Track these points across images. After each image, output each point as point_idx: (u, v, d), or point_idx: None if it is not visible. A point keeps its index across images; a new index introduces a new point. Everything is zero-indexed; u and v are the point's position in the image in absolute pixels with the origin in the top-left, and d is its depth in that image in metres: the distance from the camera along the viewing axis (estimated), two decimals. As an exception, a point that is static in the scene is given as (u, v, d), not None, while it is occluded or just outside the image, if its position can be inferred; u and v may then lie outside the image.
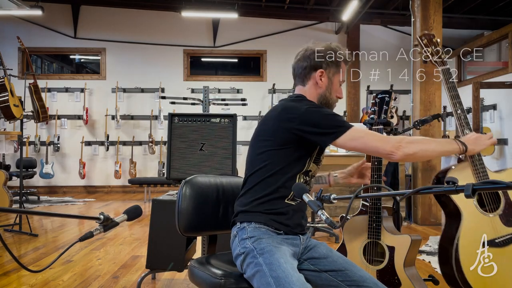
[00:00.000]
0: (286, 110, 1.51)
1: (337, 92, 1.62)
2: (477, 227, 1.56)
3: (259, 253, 1.34)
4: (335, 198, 1.12)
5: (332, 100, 1.61)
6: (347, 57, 1.62)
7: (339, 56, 1.60)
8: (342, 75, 1.62)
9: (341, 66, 1.61)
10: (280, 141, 1.48)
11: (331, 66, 1.59)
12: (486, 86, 5.64)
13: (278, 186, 1.47)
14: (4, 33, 7.75)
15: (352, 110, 7.91)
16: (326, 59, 1.58)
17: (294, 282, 1.23)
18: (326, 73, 1.59)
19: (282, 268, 1.27)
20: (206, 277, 1.42)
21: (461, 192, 0.82)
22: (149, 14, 7.89)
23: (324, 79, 1.58)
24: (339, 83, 1.62)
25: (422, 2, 4.87)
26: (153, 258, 2.51)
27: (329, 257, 1.46)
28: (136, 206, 1.16)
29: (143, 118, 7.83)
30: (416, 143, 1.44)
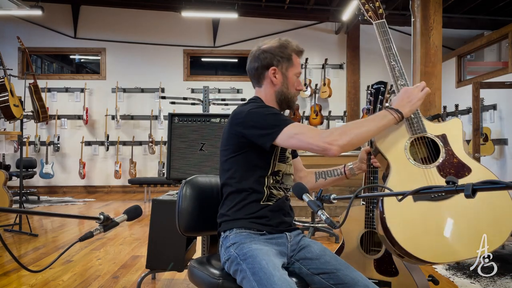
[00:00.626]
0: (234, 116, 1.51)
1: (295, 85, 1.59)
2: (407, 179, 1.40)
3: (242, 259, 1.36)
4: (335, 198, 1.12)
5: (291, 94, 1.59)
6: (297, 48, 1.60)
7: (289, 49, 1.58)
8: (297, 67, 1.60)
9: (293, 59, 1.58)
10: (235, 147, 1.50)
11: (283, 61, 1.56)
12: (486, 86, 5.63)
13: (248, 191, 1.48)
14: (4, 33, 7.75)
15: (352, 110, 7.91)
16: (276, 56, 1.56)
17: (275, 282, 1.23)
18: (279, 69, 1.57)
19: (263, 270, 1.28)
20: (205, 277, 1.43)
21: (461, 192, 0.82)
22: (149, 14, 7.89)
23: (278, 76, 1.56)
24: (296, 76, 1.59)
25: (422, 2, 4.87)
26: (153, 258, 2.51)
27: (322, 258, 1.44)
28: (136, 206, 1.16)
29: (143, 118, 7.84)
30: (348, 131, 1.36)
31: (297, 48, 1.60)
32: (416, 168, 1.43)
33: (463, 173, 1.42)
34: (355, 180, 4.77)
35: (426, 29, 4.85)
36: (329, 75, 7.90)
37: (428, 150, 1.47)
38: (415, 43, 4.95)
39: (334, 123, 7.51)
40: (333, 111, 7.85)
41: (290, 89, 1.58)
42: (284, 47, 1.58)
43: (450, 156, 1.45)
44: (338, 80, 7.97)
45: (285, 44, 1.58)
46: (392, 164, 1.43)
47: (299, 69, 1.61)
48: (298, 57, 1.61)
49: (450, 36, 7.69)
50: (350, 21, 7.48)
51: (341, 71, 7.99)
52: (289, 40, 1.61)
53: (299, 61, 1.62)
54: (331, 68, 7.96)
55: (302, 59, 7.40)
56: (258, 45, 1.63)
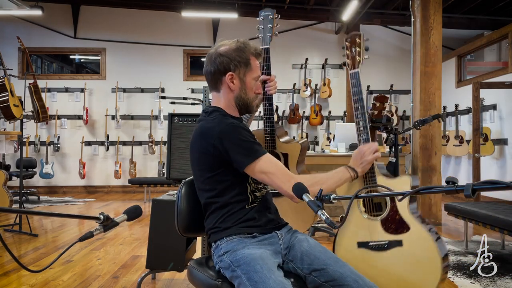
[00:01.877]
0: (202, 136, 1.48)
1: (254, 89, 1.55)
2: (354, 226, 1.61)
3: (236, 266, 1.36)
4: (335, 198, 1.12)
5: (250, 100, 1.54)
6: (255, 51, 1.55)
7: (247, 53, 1.53)
8: (255, 71, 1.54)
9: (251, 63, 1.53)
10: (210, 167, 1.47)
11: (240, 66, 1.51)
12: (486, 86, 5.64)
13: (233, 200, 1.48)
14: (4, 33, 7.75)
15: (352, 110, 7.90)
16: (233, 60, 1.50)
17: (271, 284, 1.24)
18: (236, 74, 1.51)
19: (258, 274, 1.28)
20: (204, 278, 1.43)
21: (461, 192, 0.82)
22: (149, 14, 7.89)
23: (236, 81, 1.52)
24: (254, 80, 1.54)
25: (422, 2, 4.87)
26: (153, 258, 2.51)
27: (311, 254, 1.43)
28: (136, 206, 1.16)
29: (143, 118, 7.84)
30: (318, 185, 1.40)
31: (255, 51, 1.55)
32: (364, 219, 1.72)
33: (401, 230, 1.66)
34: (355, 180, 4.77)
35: (426, 29, 4.85)
36: (329, 75, 7.90)
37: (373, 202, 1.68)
38: (415, 43, 4.95)
39: (334, 123, 7.51)
40: (333, 111, 7.85)
41: (248, 94, 1.54)
42: (242, 50, 1.52)
43: (394, 212, 1.67)
44: (338, 80, 7.97)
45: (242, 47, 1.53)
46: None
47: (258, 72, 1.56)
48: (257, 59, 1.56)
49: (450, 36, 7.69)
50: (350, 21, 7.48)
51: (341, 71, 7.99)
52: (247, 42, 1.55)
53: (258, 64, 1.56)
54: (331, 68, 7.96)
55: (302, 59, 7.31)
56: (215, 47, 1.57)
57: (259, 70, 1.57)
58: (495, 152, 6.05)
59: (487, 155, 6.00)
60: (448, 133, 6.74)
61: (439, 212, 4.79)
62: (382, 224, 1.55)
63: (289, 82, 7.90)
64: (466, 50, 7.07)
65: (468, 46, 7.01)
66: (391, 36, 8.04)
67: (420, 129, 4.80)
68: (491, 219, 3.07)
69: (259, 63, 1.57)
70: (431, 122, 3.52)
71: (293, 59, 7.96)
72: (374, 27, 7.92)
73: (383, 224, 1.55)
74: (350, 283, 1.31)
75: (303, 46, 7.96)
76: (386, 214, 1.56)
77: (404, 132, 3.18)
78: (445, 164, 7.45)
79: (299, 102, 7.92)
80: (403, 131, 2.81)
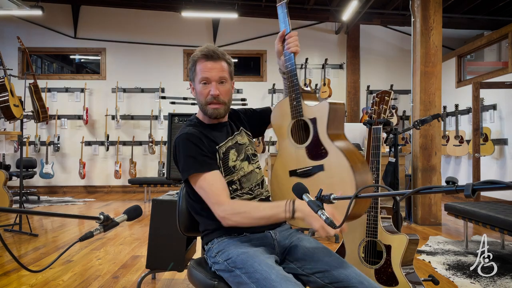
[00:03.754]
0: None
1: (203, 95, 1.52)
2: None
3: (232, 267, 1.35)
4: (335, 198, 1.12)
5: (201, 105, 1.53)
6: (200, 53, 1.51)
7: (194, 59, 1.52)
8: (199, 73, 1.51)
9: (196, 66, 1.52)
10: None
11: (193, 74, 1.54)
12: (486, 86, 5.64)
13: None
14: (4, 33, 7.75)
15: (352, 110, 7.91)
16: (190, 70, 1.56)
17: (274, 279, 1.23)
18: (193, 84, 1.56)
19: (258, 271, 1.28)
20: (201, 278, 1.43)
21: (461, 192, 0.82)
22: (149, 14, 7.90)
23: (194, 91, 1.57)
24: (201, 84, 1.51)
25: (422, 2, 4.87)
26: (153, 258, 2.51)
27: (315, 255, 1.42)
28: (136, 206, 1.15)
29: (143, 118, 7.84)
30: (241, 214, 1.37)
31: (200, 53, 1.52)
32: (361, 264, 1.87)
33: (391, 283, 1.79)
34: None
35: (426, 29, 4.85)
36: (329, 75, 7.90)
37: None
38: (415, 43, 4.95)
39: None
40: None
41: (200, 99, 1.54)
42: (194, 57, 1.53)
43: (388, 265, 1.81)
44: (338, 80, 7.97)
45: (195, 54, 1.53)
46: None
47: (202, 74, 1.51)
48: (204, 60, 1.50)
49: (450, 36, 7.69)
50: (350, 21, 7.48)
51: (341, 71, 7.99)
52: (202, 48, 1.53)
53: (204, 66, 1.50)
54: (331, 68, 7.96)
55: (302, 59, 7.31)
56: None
57: (206, 72, 1.50)
58: (495, 152, 6.05)
59: (487, 155, 6.00)
60: (448, 133, 6.74)
61: (439, 212, 4.79)
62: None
63: (289, 82, 7.89)
64: (466, 50, 7.08)
65: (468, 46, 7.01)
66: (391, 36, 8.04)
67: (420, 129, 4.80)
68: (491, 219, 3.07)
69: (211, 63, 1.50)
70: (431, 122, 3.52)
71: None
72: (374, 27, 7.92)
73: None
74: (356, 284, 1.30)
75: (303, 46, 7.94)
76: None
77: (404, 132, 3.18)
78: (445, 164, 7.45)
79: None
80: (403, 131, 2.81)
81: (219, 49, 1.53)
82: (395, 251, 1.83)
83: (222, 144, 1.55)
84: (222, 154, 1.54)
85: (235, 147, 1.59)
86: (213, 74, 1.49)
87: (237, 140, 1.62)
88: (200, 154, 1.47)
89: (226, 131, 1.61)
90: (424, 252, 3.51)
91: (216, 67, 1.50)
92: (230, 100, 1.58)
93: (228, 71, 1.54)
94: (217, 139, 1.55)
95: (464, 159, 6.98)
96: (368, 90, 7.85)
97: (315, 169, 1.49)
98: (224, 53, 1.55)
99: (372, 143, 1.98)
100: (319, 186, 1.32)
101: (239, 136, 1.64)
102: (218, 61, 1.51)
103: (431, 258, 3.34)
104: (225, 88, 1.53)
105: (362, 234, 1.91)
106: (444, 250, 3.59)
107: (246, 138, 1.66)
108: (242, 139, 1.64)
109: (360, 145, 4.79)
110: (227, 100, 1.55)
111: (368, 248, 1.90)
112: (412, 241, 1.84)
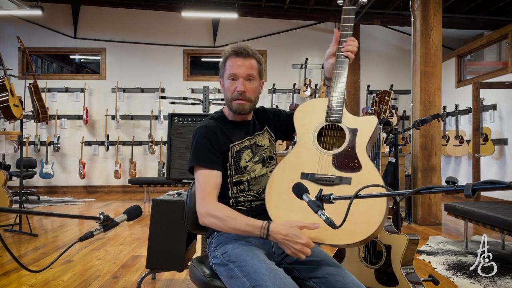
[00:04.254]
0: None
1: (230, 91, 1.55)
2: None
3: (227, 261, 1.38)
4: (335, 198, 1.12)
5: (227, 100, 1.56)
6: (230, 50, 1.54)
7: (225, 56, 1.56)
8: (228, 68, 1.54)
9: (226, 63, 1.55)
10: None
11: (223, 70, 1.57)
12: (486, 86, 5.64)
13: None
14: (4, 33, 7.75)
15: (352, 110, 7.91)
16: (220, 67, 1.59)
17: (263, 273, 1.25)
18: (222, 80, 1.59)
19: (250, 265, 1.30)
20: (198, 275, 1.48)
21: (461, 192, 0.82)
22: (149, 14, 7.90)
23: (223, 87, 1.60)
24: (229, 79, 1.54)
25: (422, 2, 4.87)
26: (153, 258, 2.51)
27: (313, 261, 1.40)
28: (136, 206, 1.15)
29: (143, 118, 7.84)
30: (218, 219, 1.40)
31: (230, 50, 1.54)
32: (361, 264, 1.74)
33: (391, 283, 1.70)
34: None
35: (426, 29, 4.85)
36: (329, 75, 7.89)
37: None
38: (415, 43, 4.95)
39: (334, 123, 7.51)
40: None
41: (227, 95, 1.56)
42: (225, 54, 1.56)
43: (388, 265, 1.72)
44: (338, 80, 7.96)
45: (226, 51, 1.56)
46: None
47: (231, 70, 1.53)
48: (234, 56, 1.53)
49: (450, 36, 7.69)
50: (350, 21, 7.47)
51: (341, 71, 7.98)
52: (234, 44, 1.55)
53: (233, 62, 1.53)
54: (331, 68, 7.95)
55: (302, 59, 7.27)
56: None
57: (235, 68, 1.52)
58: (495, 152, 6.05)
59: (487, 155, 6.00)
60: (448, 133, 6.74)
61: (439, 212, 4.79)
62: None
63: (289, 82, 7.90)
64: (466, 50, 7.08)
65: (468, 46, 7.02)
66: (391, 36, 8.04)
67: (420, 129, 4.80)
68: (491, 219, 3.07)
69: (240, 60, 1.52)
70: (431, 122, 3.52)
71: (293, 59, 7.96)
72: (374, 27, 7.92)
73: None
74: None
75: (303, 46, 7.96)
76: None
77: (404, 132, 3.18)
78: (445, 164, 7.45)
79: (299, 102, 7.92)
80: (403, 131, 2.81)
81: (249, 47, 1.54)
82: (395, 251, 1.83)
83: (237, 143, 1.57)
84: (235, 153, 1.55)
85: (252, 148, 1.59)
86: (241, 71, 1.51)
87: (256, 141, 1.62)
88: (208, 150, 1.50)
89: (246, 130, 1.61)
90: (424, 252, 3.51)
91: (245, 64, 1.52)
92: (256, 99, 1.59)
93: (257, 70, 1.55)
94: (234, 138, 1.57)
95: (464, 159, 6.98)
96: (368, 90, 7.85)
97: (340, 180, 1.40)
98: (255, 51, 1.56)
99: None
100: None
101: (259, 137, 1.63)
102: (248, 58, 1.53)
103: (431, 258, 3.34)
104: (252, 86, 1.54)
105: None
106: (444, 250, 3.59)
107: (267, 139, 1.65)
108: (262, 140, 1.63)
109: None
110: (254, 98, 1.56)
111: (368, 248, 1.90)
112: (412, 241, 1.84)
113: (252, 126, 1.63)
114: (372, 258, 1.90)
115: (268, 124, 1.68)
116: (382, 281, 1.85)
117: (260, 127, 1.65)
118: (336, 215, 1.13)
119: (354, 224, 1.27)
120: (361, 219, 1.30)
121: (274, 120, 1.70)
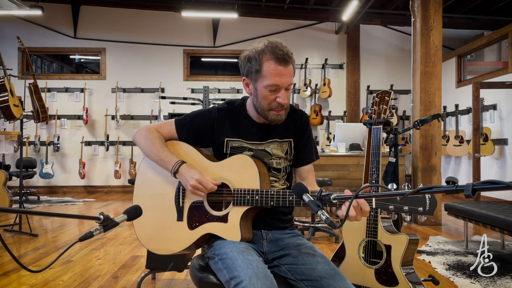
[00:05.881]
0: None
1: (268, 100, 1.41)
2: (349, 266, 1.80)
3: (213, 254, 1.43)
4: (335, 198, 1.12)
5: (261, 108, 1.43)
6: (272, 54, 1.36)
7: (262, 57, 1.37)
8: (268, 78, 1.37)
9: (263, 68, 1.37)
10: None
11: (252, 72, 1.42)
12: (486, 86, 5.64)
13: None
14: (4, 33, 7.75)
15: (352, 110, 7.91)
16: (246, 65, 1.43)
17: (239, 264, 1.27)
18: (249, 80, 1.45)
19: (229, 257, 1.33)
20: (194, 272, 1.52)
21: (461, 192, 0.82)
22: (149, 14, 7.89)
23: (250, 87, 1.46)
24: (267, 89, 1.39)
25: (422, 2, 4.87)
26: (153, 258, 2.51)
27: (307, 263, 1.37)
28: (136, 206, 1.15)
29: (143, 118, 7.84)
30: (146, 139, 1.54)
31: (270, 52, 1.36)
32: (361, 264, 1.93)
33: (391, 283, 1.83)
34: (355, 180, 4.77)
35: (426, 29, 4.85)
36: (329, 75, 7.90)
37: (373, 252, 1.83)
38: (415, 43, 4.95)
39: (334, 123, 7.51)
40: (333, 111, 7.85)
41: (260, 102, 1.43)
42: (258, 54, 1.38)
43: (388, 265, 1.85)
44: (338, 80, 7.97)
45: (259, 51, 1.38)
46: (347, 251, 1.90)
47: (270, 80, 1.37)
48: (276, 63, 1.36)
49: (450, 36, 7.69)
50: (350, 21, 7.47)
51: (341, 71, 7.99)
52: (269, 45, 1.38)
53: (275, 70, 1.36)
54: (331, 68, 7.96)
55: (302, 59, 7.26)
56: (254, 45, 1.44)
57: (278, 78, 1.36)
58: (495, 152, 6.05)
59: (487, 155, 6.00)
60: (448, 133, 6.74)
61: (439, 212, 4.79)
62: (375, 272, 1.78)
63: (289, 82, 7.89)
64: (466, 50, 7.08)
65: (468, 46, 7.01)
66: (391, 36, 8.04)
67: (420, 129, 4.80)
68: (491, 219, 3.07)
69: (283, 68, 1.37)
70: (431, 122, 3.52)
71: (293, 60, 7.95)
72: (374, 27, 7.92)
73: (376, 273, 1.77)
74: None
75: (303, 46, 7.96)
76: (380, 265, 1.77)
77: (404, 132, 3.18)
78: (445, 164, 7.45)
79: (299, 102, 7.92)
80: (403, 131, 2.81)
81: (286, 47, 1.39)
82: (395, 251, 1.83)
83: (232, 139, 1.53)
84: (230, 148, 1.53)
85: (254, 151, 1.52)
86: (284, 81, 1.38)
87: (265, 148, 1.52)
88: (194, 121, 1.56)
89: (257, 136, 1.52)
90: (424, 252, 3.51)
91: (287, 73, 1.38)
92: (289, 105, 1.49)
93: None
94: (235, 133, 1.52)
95: (464, 159, 6.98)
96: (368, 90, 7.85)
97: None
98: (291, 52, 1.40)
99: (372, 143, 1.98)
100: None
101: (274, 145, 1.52)
102: (288, 65, 1.38)
103: (431, 258, 3.34)
104: (288, 94, 1.44)
105: (362, 234, 1.91)
106: (444, 250, 3.59)
107: (282, 152, 1.53)
108: (275, 149, 1.53)
109: (360, 145, 4.79)
110: (288, 105, 1.47)
111: (368, 248, 1.90)
112: (412, 241, 1.84)
113: (273, 131, 1.52)
114: (372, 258, 1.90)
115: (294, 137, 1.56)
116: (382, 281, 1.85)
117: (280, 135, 1.53)
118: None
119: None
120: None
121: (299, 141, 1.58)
